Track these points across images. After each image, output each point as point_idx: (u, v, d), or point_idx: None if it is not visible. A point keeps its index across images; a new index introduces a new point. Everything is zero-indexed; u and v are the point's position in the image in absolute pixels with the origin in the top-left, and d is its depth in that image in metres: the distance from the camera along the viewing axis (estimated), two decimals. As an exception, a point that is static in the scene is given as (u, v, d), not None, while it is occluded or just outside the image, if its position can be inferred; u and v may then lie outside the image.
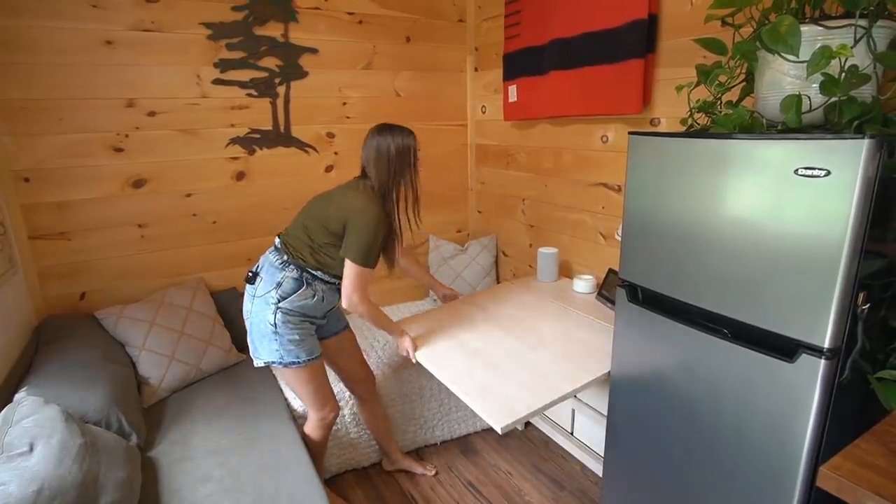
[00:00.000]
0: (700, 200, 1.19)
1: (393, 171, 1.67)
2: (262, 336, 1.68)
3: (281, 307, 1.65)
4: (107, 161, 2.12)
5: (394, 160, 1.66)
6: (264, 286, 1.68)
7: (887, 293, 1.08)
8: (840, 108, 1.06)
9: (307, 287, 1.69)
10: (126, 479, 1.43)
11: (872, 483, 0.81)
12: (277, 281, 1.67)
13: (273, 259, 1.71)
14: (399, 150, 1.66)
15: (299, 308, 1.68)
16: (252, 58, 2.31)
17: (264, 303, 1.66)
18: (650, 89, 1.93)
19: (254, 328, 1.69)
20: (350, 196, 1.67)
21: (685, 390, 1.29)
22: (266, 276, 1.69)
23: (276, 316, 1.65)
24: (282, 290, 1.66)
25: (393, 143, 1.66)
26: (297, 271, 1.68)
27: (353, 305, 1.67)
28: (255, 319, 1.68)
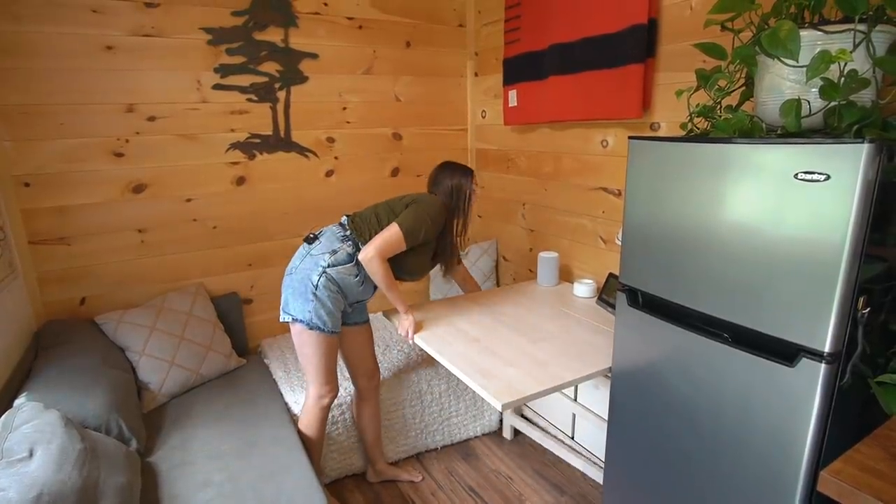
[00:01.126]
0: (700, 205, 1.19)
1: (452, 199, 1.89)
2: (299, 294, 1.74)
3: (328, 272, 1.74)
4: (107, 166, 2.12)
5: (455, 195, 1.89)
6: (320, 248, 1.78)
7: (887, 297, 1.08)
8: (840, 112, 1.06)
9: (355, 265, 1.78)
10: (126, 485, 1.43)
11: (873, 487, 0.81)
12: (334, 248, 1.77)
13: (336, 230, 1.82)
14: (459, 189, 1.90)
15: (341, 280, 1.76)
16: (252, 63, 2.32)
17: (314, 263, 1.75)
18: (650, 94, 1.93)
19: (294, 283, 1.76)
20: (425, 197, 1.88)
21: (685, 394, 1.29)
22: (325, 241, 1.79)
23: (321, 279, 1.73)
24: (335, 257, 1.76)
25: (451, 181, 1.90)
26: (353, 248, 1.79)
27: (370, 259, 1.72)
28: (298, 276, 1.75)
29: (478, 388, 1.52)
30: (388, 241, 1.73)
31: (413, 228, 1.76)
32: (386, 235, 1.74)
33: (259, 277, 2.54)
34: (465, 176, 1.90)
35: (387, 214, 1.84)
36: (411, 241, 1.77)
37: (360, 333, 1.98)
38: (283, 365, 2.28)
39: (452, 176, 1.89)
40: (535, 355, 1.70)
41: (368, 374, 2.03)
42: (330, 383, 1.85)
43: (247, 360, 2.34)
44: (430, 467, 2.30)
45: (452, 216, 1.92)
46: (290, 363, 2.29)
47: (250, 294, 2.53)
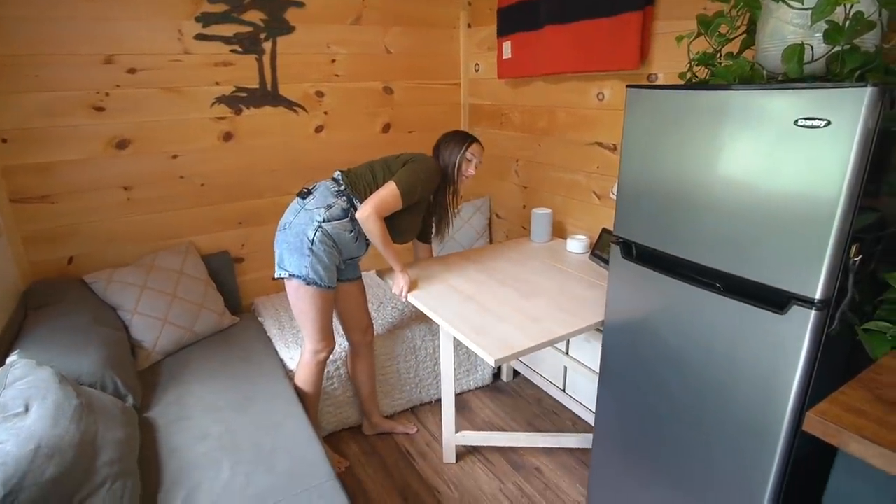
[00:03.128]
0: (698, 155, 1.17)
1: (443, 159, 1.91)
2: (294, 249, 1.73)
3: (323, 227, 1.73)
4: (87, 121, 2.05)
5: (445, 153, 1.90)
6: (315, 202, 1.76)
7: (878, 246, 1.09)
8: (843, 58, 1.04)
9: (350, 221, 1.77)
10: (124, 438, 1.45)
11: (857, 426, 0.84)
12: (329, 203, 1.75)
13: (330, 185, 1.80)
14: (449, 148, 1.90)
15: (336, 236, 1.75)
16: (235, 11, 2.22)
17: (309, 218, 1.73)
18: (648, 44, 1.88)
19: (289, 239, 1.74)
20: (422, 156, 1.88)
21: (676, 344, 1.31)
22: (319, 196, 1.77)
23: (317, 234, 1.72)
24: (330, 212, 1.74)
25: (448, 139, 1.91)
26: (348, 203, 1.77)
27: (367, 217, 1.71)
28: (293, 231, 1.73)
29: (472, 344, 1.54)
30: (384, 199, 1.73)
31: (410, 186, 1.75)
32: (383, 193, 1.73)
33: (250, 236, 2.51)
34: (459, 144, 1.90)
35: (383, 172, 1.82)
36: (408, 200, 1.76)
37: (354, 289, 1.99)
38: (277, 322, 2.28)
39: (450, 143, 1.90)
40: (529, 311, 1.71)
41: (362, 329, 2.05)
42: (326, 339, 1.87)
43: (240, 318, 2.34)
44: (425, 420, 2.35)
45: (446, 180, 1.91)
46: (284, 321, 2.30)
47: (241, 252, 2.51)
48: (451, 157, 1.89)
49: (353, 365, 2.11)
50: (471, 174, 1.94)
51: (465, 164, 1.91)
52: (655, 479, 1.46)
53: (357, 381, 2.13)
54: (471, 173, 1.94)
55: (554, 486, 1.98)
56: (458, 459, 2.11)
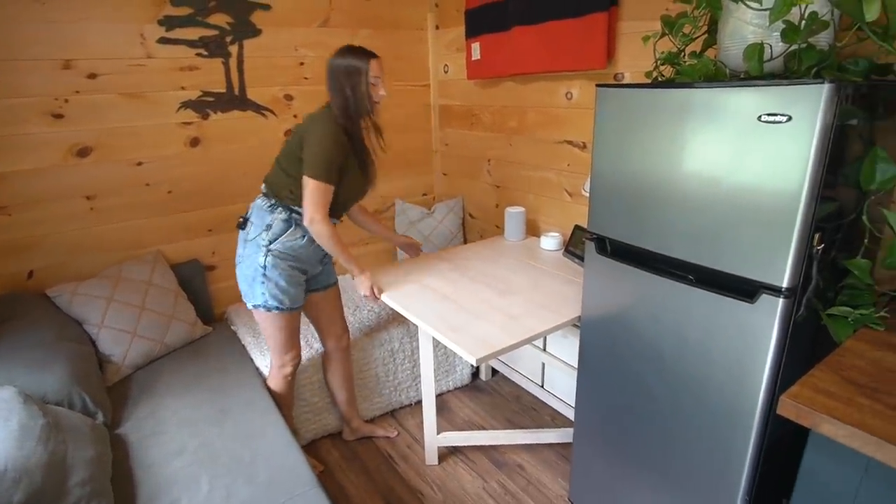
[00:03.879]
0: (667, 151, 1.21)
1: (342, 91, 1.63)
2: (251, 280, 1.69)
3: (272, 249, 1.66)
4: (45, 128, 1.97)
5: (342, 80, 1.62)
6: (255, 229, 1.69)
7: (837, 235, 1.14)
8: (800, 56, 1.08)
9: (296, 227, 1.70)
10: (96, 457, 1.40)
11: (827, 407, 0.88)
12: (267, 223, 1.67)
13: (261, 203, 1.71)
14: (347, 71, 1.62)
15: (290, 250, 1.69)
16: (200, 14, 2.17)
17: (255, 246, 1.67)
18: (614, 43, 1.92)
19: (243, 272, 1.71)
20: (309, 117, 1.68)
21: (651, 335, 1.35)
22: (256, 220, 1.70)
23: (267, 258, 1.66)
24: (272, 232, 1.67)
25: (343, 62, 1.63)
26: (285, 213, 1.69)
27: (313, 223, 1.62)
28: (245, 263, 1.70)
29: (452, 344, 1.54)
30: (314, 200, 1.61)
31: (324, 167, 1.59)
32: (308, 196, 1.60)
33: (221, 243, 2.46)
34: (355, 72, 1.62)
35: (289, 161, 1.68)
36: (333, 177, 1.62)
37: (327, 297, 1.95)
38: (251, 331, 2.24)
39: (343, 75, 1.63)
40: (506, 309, 1.73)
41: (337, 336, 2.02)
42: (290, 352, 1.84)
43: (213, 327, 2.29)
44: (406, 422, 2.34)
45: (356, 121, 1.68)
46: (258, 329, 2.25)
47: (213, 260, 2.45)
48: (354, 91, 1.63)
49: (328, 371, 2.08)
50: (383, 96, 1.70)
51: (373, 91, 1.67)
52: (636, 469, 1.50)
53: (332, 387, 2.11)
54: (382, 95, 1.69)
55: (536, 481, 2.00)
56: (440, 460, 2.11)
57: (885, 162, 1.06)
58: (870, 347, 1.04)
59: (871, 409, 0.86)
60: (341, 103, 1.64)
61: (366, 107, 1.67)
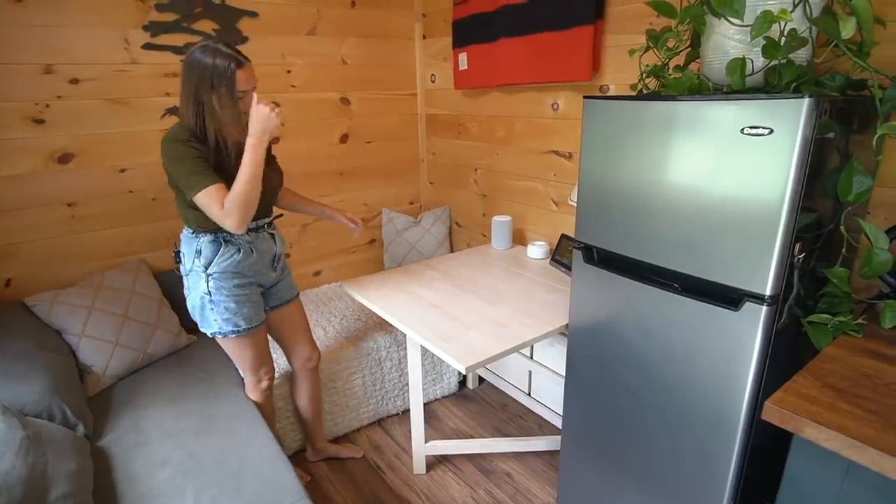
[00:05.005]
0: (653, 162, 1.23)
1: (194, 104, 1.44)
2: (200, 309, 1.64)
3: (211, 274, 1.59)
4: (26, 134, 1.93)
5: (194, 90, 1.43)
6: (188, 259, 1.62)
7: (817, 244, 1.18)
8: (780, 71, 1.12)
9: (226, 244, 1.60)
10: (77, 470, 1.36)
11: (810, 412, 0.90)
12: (196, 249, 1.60)
13: (186, 233, 1.64)
14: (194, 75, 1.41)
15: (230, 268, 1.60)
16: (186, 21, 2.16)
17: (195, 275, 1.61)
18: (599, 56, 1.96)
19: (192, 304, 1.66)
20: (162, 144, 1.49)
21: (638, 343, 1.37)
22: (186, 250, 1.63)
23: (209, 284, 1.59)
24: (204, 256, 1.59)
25: (188, 60, 1.42)
26: (209, 234, 1.59)
27: (230, 217, 1.44)
28: (192, 294, 1.64)
29: (441, 352, 1.55)
30: (211, 206, 1.44)
31: (194, 179, 1.44)
32: (206, 208, 1.46)
33: (205, 251, 2.42)
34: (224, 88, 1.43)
35: (174, 185, 1.54)
36: (208, 179, 1.44)
37: (288, 314, 1.86)
38: (236, 340, 2.21)
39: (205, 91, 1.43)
40: (494, 317, 1.74)
41: (304, 356, 1.93)
42: (263, 367, 1.79)
43: (197, 336, 2.25)
44: (393, 431, 2.33)
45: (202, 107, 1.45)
46: (243, 338, 2.22)
47: (196, 269, 2.42)
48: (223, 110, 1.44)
49: (294, 390, 2.00)
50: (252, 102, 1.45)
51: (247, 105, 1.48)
52: (623, 475, 1.51)
53: (298, 406, 2.03)
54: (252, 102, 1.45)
55: (524, 489, 2.01)
56: (428, 469, 2.10)
57: (862, 174, 1.10)
58: (849, 354, 1.08)
59: (851, 413, 0.89)
60: (188, 115, 1.46)
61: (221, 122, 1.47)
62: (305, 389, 1.99)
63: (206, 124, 1.47)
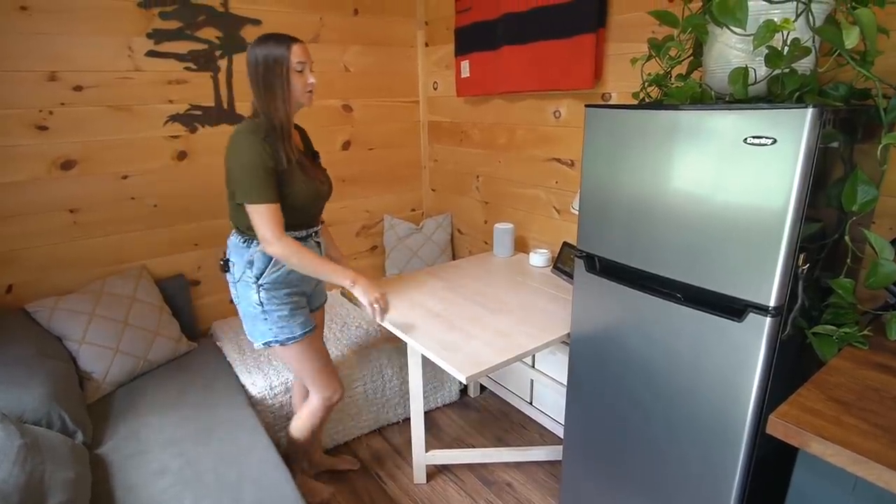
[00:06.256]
0: (655, 171, 1.23)
1: (264, 91, 1.45)
2: (252, 319, 1.60)
3: (262, 284, 1.57)
4: (29, 140, 1.94)
5: (262, 77, 1.45)
6: (238, 269, 1.59)
7: (821, 254, 1.17)
8: (782, 80, 1.11)
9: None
10: (75, 479, 1.35)
11: (815, 426, 0.88)
12: (248, 260, 1.57)
13: (236, 241, 1.60)
14: (269, 63, 1.44)
15: (280, 279, 1.58)
16: (189, 29, 2.17)
17: (245, 286, 1.58)
18: (601, 64, 1.96)
19: (244, 312, 1.62)
20: (230, 139, 1.49)
21: (641, 353, 1.35)
22: (236, 259, 1.60)
23: (261, 294, 1.57)
24: (256, 267, 1.56)
25: (260, 54, 1.44)
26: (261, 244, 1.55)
27: (269, 245, 1.47)
28: (242, 304, 1.61)
29: (442, 361, 1.54)
30: (260, 223, 1.46)
31: (254, 188, 1.43)
32: (256, 222, 1.46)
33: (206, 258, 2.43)
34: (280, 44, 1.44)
35: (230, 192, 1.55)
36: (270, 195, 1.45)
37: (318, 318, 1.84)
38: (236, 346, 2.20)
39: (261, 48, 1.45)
40: (495, 326, 1.73)
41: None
42: (335, 380, 1.73)
43: (198, 343, 2.25)
44: (393, 440, 2.31)
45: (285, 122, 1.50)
46: (244, 344, 2.22)
47: (198, 275, 2.42)
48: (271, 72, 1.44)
49: (298, 400, 1.95)
50: (313, 84, 1.51)
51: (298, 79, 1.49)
52: (625, 486, 1.49)
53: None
54: (312, 83, 1.51)
55: (526, 500, 1.99)
56: (428, 479, 2.09)
57: (866, 184, 1.09)
58: (854, 366, 1.06)
59: (857, 428, 0.88)
60: (258, 104, 1.49)
61: (297, 101, 1.51)
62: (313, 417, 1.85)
63: (277, 106, 1.47)
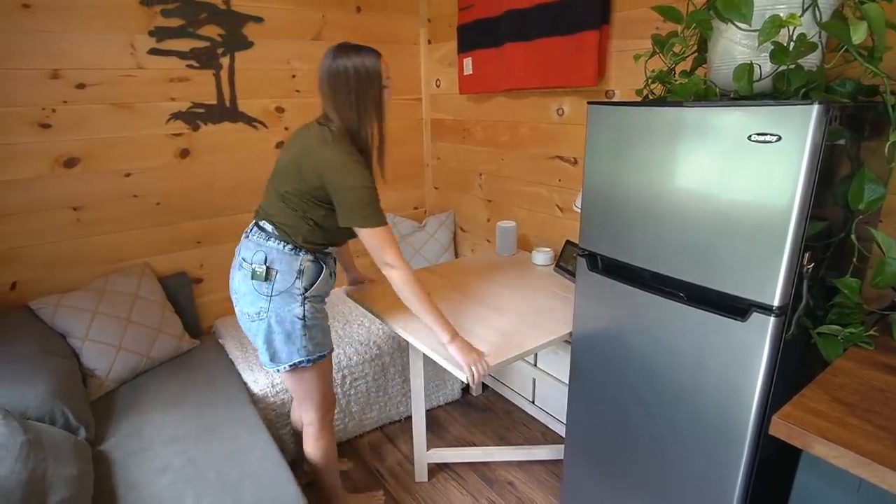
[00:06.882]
0: (658, 169, 1.21)
1: (355, 103, 1.38)
2: (286, 336, 1.45)
3: (308, 297, 1.45)
4: (32, 138, 1.95)
5: (355, 89, 1.37)
6: (284, 279, 1.43)
7: (826, 253, 1.15)
8: (788, 76, 1.10)
9: (325, 267, 1.51)
10: (77, 475, 1.36)
11: (819, 428, 0.87)
12: (298, 269, 1.44)
13: (281, 248, 1.44)
14: (362, 75, 1.36)
15: (324, 290, 1.52)
16: (191, 26, 2.16)
17: (289, 297, 1.43)
18: (605, 61, 1.94)
19: (274, 328, 1.44)
20: (321, 152, 1.37)
21: (644, 352, 1.34)
22: (283, 268, 1.43)
23: (306, 307, 1.45)
24: (306, 278, 1.44)
25: (352, 65, 1.35)
26: (310, 254, 1.48)
27: (399, 273, 1.39)
28: (274, 319, 1.43)
29: (443, 361, 1.53)
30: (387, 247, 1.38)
31: (377, 210, 1.39)
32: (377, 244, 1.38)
33: (209, 255, 2.43)
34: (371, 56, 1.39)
35: (311, 205, 1.43)
36: (382, 218, 1.40)
37: None
38: (238, 344, 2.21)
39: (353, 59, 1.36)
40: (497, 325, 1.72)
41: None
42: (332, 395, 1.67)
43: (200, 341, 2.25)
44: (395, 438, 2.31)
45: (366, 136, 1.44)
46: (245, 342, 2.22)
47: (200, 273, 2.42)
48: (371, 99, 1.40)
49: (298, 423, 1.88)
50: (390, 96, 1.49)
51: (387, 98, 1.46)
52: (627, 486, 1.48)
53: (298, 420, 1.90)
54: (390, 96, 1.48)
55: (528, 499, 1.98)
56: (430, 477, 2.08)
57: (873, 182, 1.08)
58: (859, 366, 1.05)
59: (862, 429, 0.86)
60: (348, 118, 1.40)
61: (382, 115, 1.44)
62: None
63: (367, 121, 1.41)
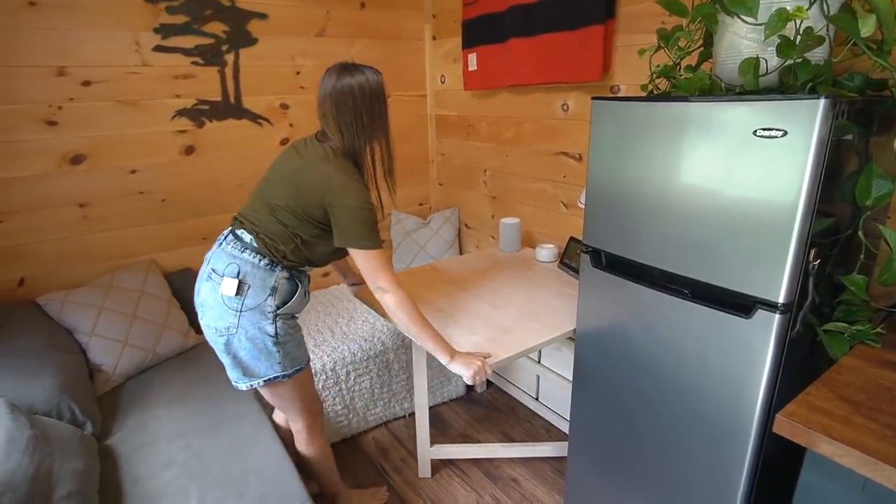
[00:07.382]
0: (663, 164, 1.20)
1: (361, 122, 1.38)
2: (259, 352, 1.41)
3: (280, 314, 1.42)
4: (39, 135, 1.96)
5: (360, 108, 1.37)
6: (256, 294, 1.39)
7: (833, 250, 1.14)
8: (795, 70, 1.08)
9: (300, 286, 1.47)
10: (83, 470, 1.37)
11: (824, 426, 0.86)
12: (271, 286, 1.40)
13: (257, 261, 1.40)
14: (367, 93, 1.37)
15: (296, 308, 1.48)
16: (196, 23, 2.17)
17: (259, 314, 1.39)
18: (610, 56, 1.93)
19: (246, 346, 1.40)
20: (324, 167, 1.36)
21: (648, 349, 1.34)
22: (255, 282, 1.39)
23: (277, 324, 1.41)
24: (279, 296, 1.41)
25: (357, 83, 1.36)
26: (287, 271, 1.44)
27: (393, 297, 1.40)
28: (245, 335, 1.39)
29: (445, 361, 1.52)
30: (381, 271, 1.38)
31: (371, 232, 1.37)
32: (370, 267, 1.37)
33: (214, 252, 2.44)
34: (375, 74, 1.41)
35: (302, 222, 1.40)
36: (379, 240, 1.39)
37: None
38: (244, 340, 2.21)
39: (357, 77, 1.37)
40: (501, 322, 1.71)
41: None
42: (317, 404, 1.65)
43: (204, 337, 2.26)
44: (399, 434, 2.32)
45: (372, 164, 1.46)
46: (251, 338, 2.23)
47: (206, 269, 2.43)
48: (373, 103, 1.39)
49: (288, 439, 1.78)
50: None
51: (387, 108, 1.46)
52: (631, 483, 1.48)
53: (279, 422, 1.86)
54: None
55: (531, 496, 1.98)
56: (433, 473, 2.09)
57: (881, 178, 1.06)
58: (866, 364, 1.04)
59: (867, 428, 0.86)
60: (352, 137, 1.39)
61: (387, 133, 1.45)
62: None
63: (373, 139, 1.42)
